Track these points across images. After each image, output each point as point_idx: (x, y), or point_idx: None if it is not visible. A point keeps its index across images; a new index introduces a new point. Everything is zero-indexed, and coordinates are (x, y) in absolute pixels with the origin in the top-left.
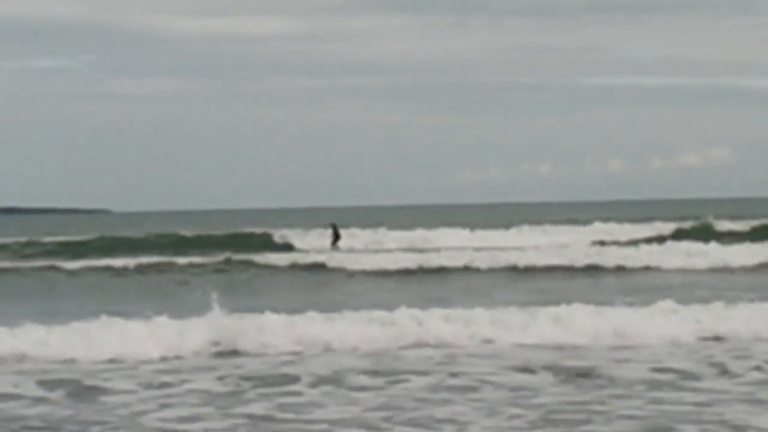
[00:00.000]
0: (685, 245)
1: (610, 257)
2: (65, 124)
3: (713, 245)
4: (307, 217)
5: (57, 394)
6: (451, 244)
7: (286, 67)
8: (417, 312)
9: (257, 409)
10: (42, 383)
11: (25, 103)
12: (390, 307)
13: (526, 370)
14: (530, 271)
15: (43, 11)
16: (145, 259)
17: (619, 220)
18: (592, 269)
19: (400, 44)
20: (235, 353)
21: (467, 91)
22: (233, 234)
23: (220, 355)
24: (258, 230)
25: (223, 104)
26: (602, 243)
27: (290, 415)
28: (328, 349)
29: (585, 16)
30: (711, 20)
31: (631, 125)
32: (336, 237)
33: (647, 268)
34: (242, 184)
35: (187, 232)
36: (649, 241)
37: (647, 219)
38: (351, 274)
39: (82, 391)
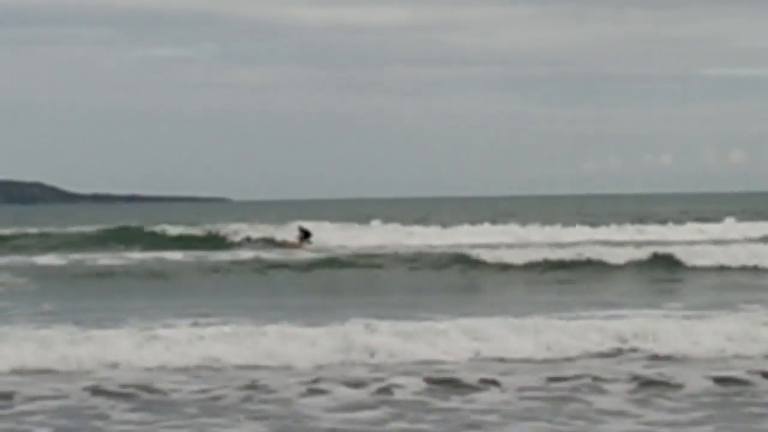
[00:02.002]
0: None
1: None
2: (186, 113)
3: None
4: (425, 208)
5: None
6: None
7: (404, 57)
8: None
9: None
10: None
11: (146, 92)
12: None
13: None
14: (697, 270)
15: (164, 1)
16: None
17: (746, 214)
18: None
19: (520, 34)
20: None
21: (587, 82)
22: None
23: None
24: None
25: (342, 94)
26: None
27: None
28: None
29: (706, 7)
30: None
31: (754, 116)
32: (305, 235)
33: None
34: (360, 174)
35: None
36: None
37: None
38: (503, 268)
39: None
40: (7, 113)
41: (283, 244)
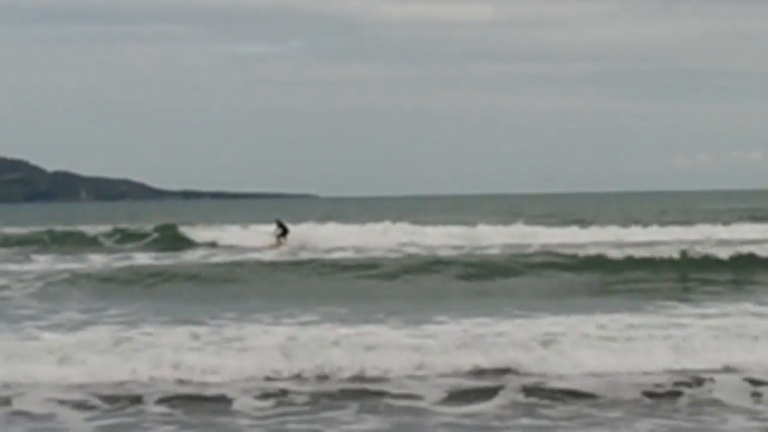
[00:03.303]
0: None
1: None
2: (272, 110)
3: None
4: (515, 205)
5: None
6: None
7: (492, 53)
8: None
9: None
10: None
11: (233, 89)
12: None
13: None
14: None
15: None
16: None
17: None
18: None
19: (607, 30)
20: None
21: (675, 77)
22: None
23: None
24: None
25: (429, 90)
26: None
27: None
28: None
29: None
30: None
31: None
32: (283, 231)
33: None
34: (448, 170)
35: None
36: None
37: None
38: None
39: None
40: (95, 111)
41: (260, 247)
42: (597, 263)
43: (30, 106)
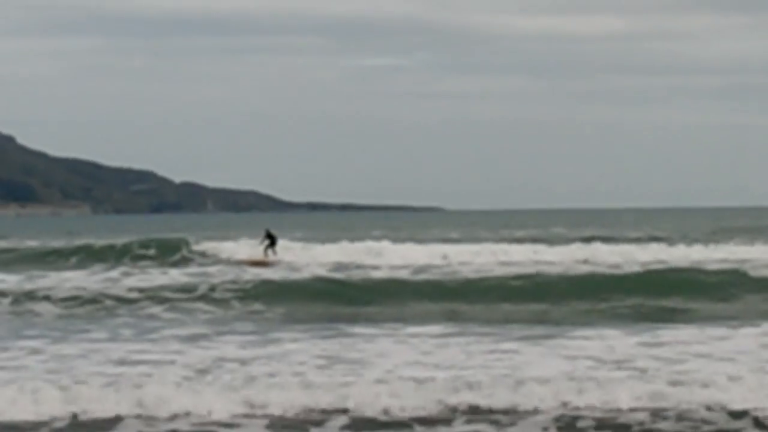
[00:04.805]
0: None
1: None
2: (398, 122)
3: None
4: (639, 219)
5: None
6: None
7: (621, 66)
8: None
9: None
10: None
11: (359, 101)
12: None
13: None
14: None
15: (378, 9)
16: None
17: None
18: None
19: (735, 43)
20: None
21: None
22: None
23: None
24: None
25: (556, 103)
26: None
27: None
28: None
29: None
30: None
31: None
32: (272, 242)
33: None
34: (573, 183)
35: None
36: None
37: None
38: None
39: None
40: (223, 122)
41: (246, 262)
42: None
43: (158, 117)
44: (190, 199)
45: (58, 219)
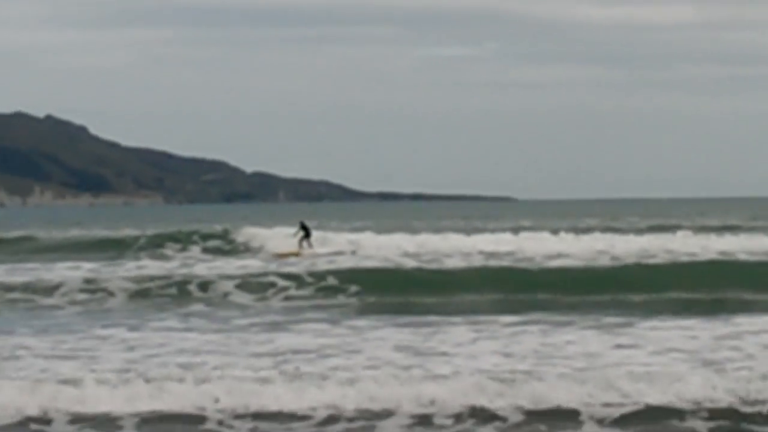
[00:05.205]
0: None
1: None
2: (469, 112)
3: None
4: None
5: None
6: None
7: (694, 56)
8: None
9: None
10: None
11: (432, 91)
12: None
13: None
14: None
15: (448, 0)
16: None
17: None
18: None
19: None
20: None
21: None
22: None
23: None
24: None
25: (630, 92)
26: None
27: None
28: None
29: None
30: None
31: None
32: (306, 234)
33: None
34: (645, 173)
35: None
36: None
37: None
38: None
39: None
40: (295, 112)
41: (281, 255)
42: None
43: (230, 107)
44: (262, 189)
45: (130, 208)
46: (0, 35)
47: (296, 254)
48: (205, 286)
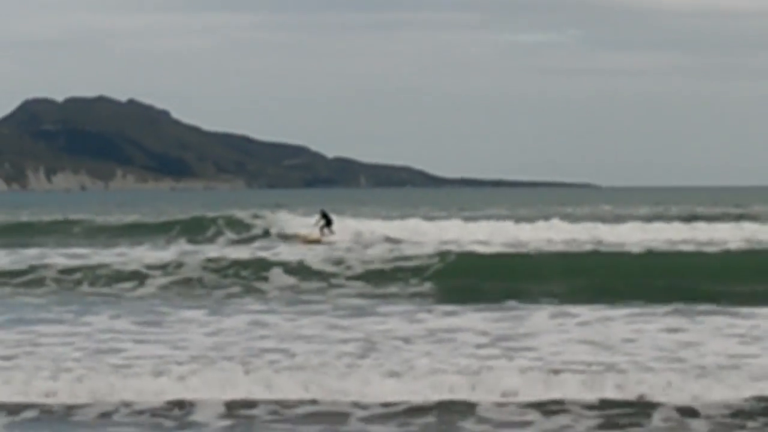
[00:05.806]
0: None
1: None
2: (552, 99)
3: None
4: None
5: None
6: None
7: None
8: None
9: None
10: None
11: (513, 77)
12: None
13: None
14: None
15: None
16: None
17: None
18: None
19: None
20: None
21: None
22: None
23: None
24: None
25: (713, 79)
26: None
27: None
28: None
29: None
30: None
31: None
32: (327, 222)
33: None
34: (726, 160)
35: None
36: None
37: None
38: None
39: None
40: (377, 98)
41: (303, 239)
42: None
43: (312, 93)
44: (343, 174)
45: (212, 192)
46: (81, 20)
47: (318, 241)
48: (279, 269)
